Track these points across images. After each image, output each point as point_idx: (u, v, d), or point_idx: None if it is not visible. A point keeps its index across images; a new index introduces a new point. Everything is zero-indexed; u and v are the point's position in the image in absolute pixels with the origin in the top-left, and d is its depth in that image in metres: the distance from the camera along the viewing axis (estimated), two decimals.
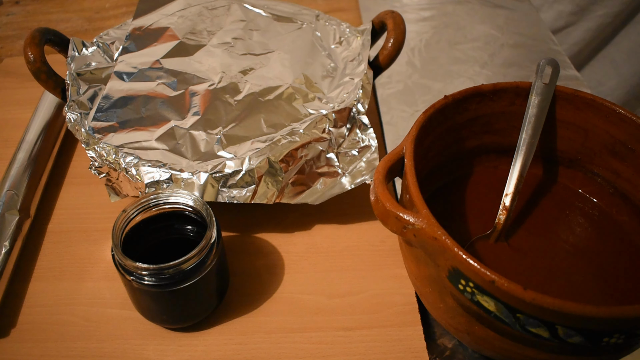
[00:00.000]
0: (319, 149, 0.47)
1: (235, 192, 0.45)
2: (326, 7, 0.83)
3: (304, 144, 0.46)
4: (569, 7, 1.07)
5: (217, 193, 0.44)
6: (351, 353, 0.41)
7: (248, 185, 0.45)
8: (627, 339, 0.31)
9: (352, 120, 0.48)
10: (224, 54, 0.53)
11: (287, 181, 0.45)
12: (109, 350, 0.42)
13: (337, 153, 0.47)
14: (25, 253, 0.49)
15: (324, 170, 0.47)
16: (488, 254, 0.41)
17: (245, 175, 0.44)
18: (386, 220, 0.35)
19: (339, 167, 0.47)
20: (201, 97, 0.49)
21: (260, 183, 0.45)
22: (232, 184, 0.44)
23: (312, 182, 0.47)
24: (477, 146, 0.47)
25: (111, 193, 0.46)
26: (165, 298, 0.39)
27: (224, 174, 0.44)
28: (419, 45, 0.76)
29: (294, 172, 0.46)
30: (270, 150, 0.45)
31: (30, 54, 0.48)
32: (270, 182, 0.45)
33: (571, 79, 0.69)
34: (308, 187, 0.47)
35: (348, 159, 0.47)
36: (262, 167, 0.44)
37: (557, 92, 0.43)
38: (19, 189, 0.50)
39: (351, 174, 0.47)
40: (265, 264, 0.48)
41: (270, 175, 0.45)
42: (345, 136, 0.48)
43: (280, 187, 0.45)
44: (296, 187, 0.46)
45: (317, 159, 0.47)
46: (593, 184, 0.45)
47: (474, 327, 0.34)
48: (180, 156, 0.45)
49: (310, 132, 0.46)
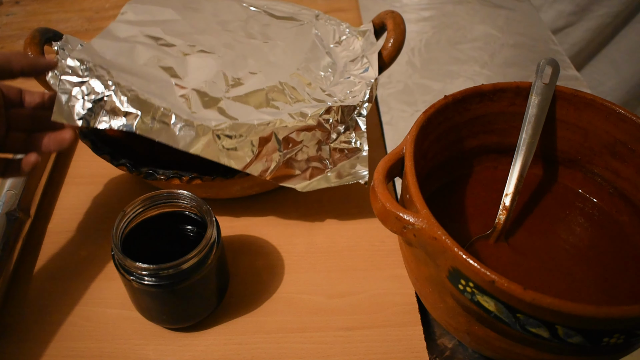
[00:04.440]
0: (317, 137, 0.46)
1: (233, 155, 0.44)
2: (326, 7, 0.83)
3: (308, 127, 0.45)
4: (569, 7, 1.07)
5: (218, 150, 0.43)
6: (351, 353, 0.41)
7: (247, 152, 0.44)
8: (627, 339, 0.31)
9: (352, 120, 0.48)
10: (226, 35, 0.53)
11: (282, 160, 0.45)
12: (109, 350, 0.42)
13: (330, 147, 0.47)
14: (25, 253, 0.49)
15: (314, 160, 0.47)
16: (488, 254, 0.41)
17: (247, 141, 0.44)
18: (386, 220, 0.35)
19: (328, 161, 0.47)
20: (204, 65, 0.48)
21: (260, 153, 0.44)
22: (231, 148, 0.44)
23: (301, 170, 0.46)
24: (477, 146, 0.47)
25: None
26: (165, 298, 0.39)
27: (227, 133, 0.43)
28: (419, 45, 0.76)
29: (290, 154, 0.45)
30: (277, 125, 0.45)
31: (30, 53, 0.48)
32: (266, 157, 0.44)
33: (571, 79, 0.69)
34: (296, 174, 0.46)
35: (337, 156, 0.47)
36: (267, 138, 0.44)
37: (557, 92, 0.43)
38: (19, 189, 0.50)
39: (336, 171, 0.47)
40: (265, 264, 0.48)
41: (270, 148, 0.44)
42: (341, 133, 0.48)
43: (275, 165, 0.45)
44: (287, 169, 0.46)
45: (312, 147, 0.46)
46: (593, 184, 0.45)
47: (474, 327, 0.34)
48: (179, 107, 0.44)
49: (316, 118, 0.46)
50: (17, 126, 0.42)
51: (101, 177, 0.55)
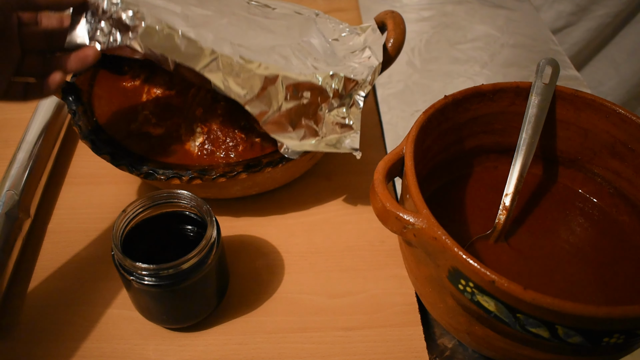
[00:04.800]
0: (317, 100, 0.46)
1: (235, 87, 0.43)
2: (326, 7, 0.83)
3: (311, 85, 0.45)
4: (569, 7, 1.07)
5: (222, 79, 0.43)
6: (351, 353, 0.41)
7: (251, 87, 0.43)
8: (627, 339, 0.31)
9: (350, 98, 0.48)
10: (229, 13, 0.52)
11: (281, 108, 0.45)
12: (109, 350, 0.42)
13: (326, 115, 0.47)
14: (25, 253, 0.49)
15: (310, 120, 0.46)
16: (488, 254, 0.41)
17: (253, 76, 0.43)
18: (386, 220, 0.35)
19: (320, 128, 0.47)
20: (210, 21, 0.48)
21: (262, 93, 0.44)
22: (235, 77, 0.43)
23: (294, 127, 0.46)
24: (477, 146, 0.47)
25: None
26: (165, 298, 0.39)
27: (235, 60, 0.43)
28: (419, 45, 0.76)
29: (290, 105, 0.45)
30: (283, 72, 0.44)
31: None
32: (267, 100, 0.44)
33: (571, 79, 0.69)
34: (289, 130, 0.46)
35: (330, 127, 0.47)
36: (272, 80, 0.44)
37: (557, 92, 0.43)
38: (19, 189, 0.50)
39: (327, 141, 0.47)
40: (265, 264, 0.48)
41: (272, 92, 0.44)
42: (337, 107, 0.47)
43: (273, 112, 0.44)
44: (281, 122, 0.45)
45: (310, 108, 0.46)
46: (593, 184, 0.45)
47: (474, 327, 0.34)
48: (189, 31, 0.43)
49: (319, 79, 0.46)
50: (33, 46, 0.41)
51: (101, 177, 0.55)
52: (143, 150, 0.48)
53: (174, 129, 0.50)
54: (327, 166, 0.56)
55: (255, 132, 0.49)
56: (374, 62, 0.50)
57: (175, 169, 0.45)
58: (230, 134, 0.48)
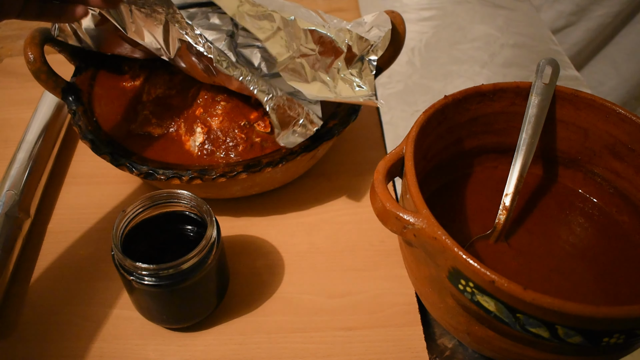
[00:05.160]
0: (331, 54, 0.45)
1: (257, 23, 0.43)
2: (326, 7, 0.83)
3: (327, 37, 0.45)
4: (569, 7, 1.07)
5: (244, 12, 0.43)
6: (351, 353, 0.41)
7: (270, 25, 0.43)
8: (627, 339, 0.31)
9: (361, 60, 0.47)
10: None
11: (298, 53, 0.44)
12: (109, 350, 0.42)
13: (338, 75, 0.46)
14: (25, 253, 0.49)
15: (324, 76, 0.46)
16: (488, 254, 0.41)
17: (270, 15, 0.43)
18: (386, 220, 0.35)
19: (335, 86, 0.46)
20: None
21: (279, 31, 0.44)
22: (255, 15, 0.43)
23: (310, 79, 0.45)
24: (477, 146, 0.47)
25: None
26: (165, 298, 0.39)
27: (247, 6, 0.43)
28: (419, 45, 0.76)
29: (305, 50, 0.45)
30: (300, 20, 0.44)
31: (30, 54, 0.48)
32: (284, 40, 0.44)
33: (571, 79, 0.69)
34: (305, 79, 0.45)
35: (344, 87, 0.46)
36: (288, 22, 0.44)
37: (557, 92, 0.43)
38: (19, 189, 0.50)
39: (340, 97, 0.46)
40: (265, 264, 0.48)
41: (290, 33, 0.44)
42: (349, 68, 0.47)
43: (290, 54, 0.44)
44: (298, 69, 0.45)
45: (324, 62, 0.45)
46: (593, 184, 0.45)
47: (474, 327, 0.34)
48: None
49: (336, 33, 0.45)
50: None
51: (101, 177, 0.55)
52: (143, 150, 0.48)
53: (174, 129, 0.50)
54: (327, 166, 0.56)
55: (255, 132, 0.49)
56: (382, 32, 0.50)
57: (175, 169, 0.45)
58: (230, 134, 0.48)
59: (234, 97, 0.50)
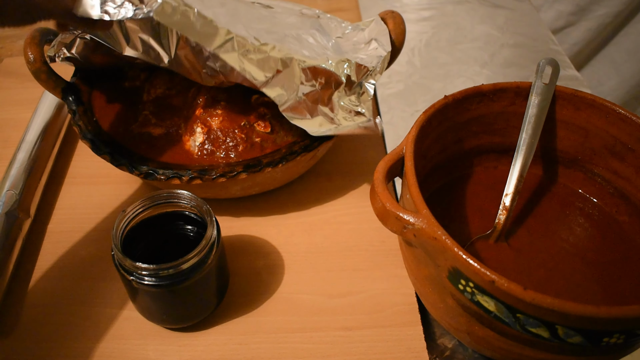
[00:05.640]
0: (331, 85, 0.46)
1: (252, 68, 0.43)
2: (326, 7, 0.83)
3: (325, 70, 0.45)
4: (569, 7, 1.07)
5: (238, 60, 0.43)
6: (351, 353, 0.41)
7: (267, 69, 0.43)
8: (627, 339, 0.31)
9: (361, 87, 0.48)
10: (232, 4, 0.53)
11: (296, 93, 0.44)
12: (109, 350, 0.42)
13: (338, 103, 0.47)
14: (25, 253, 0.49)
15: (324, 109, 0.46)
16: (488, 254, 0.41)
17: (269, 58, 0.43)
18: (386, 220, 0.35)
19: (335, 115, 0.46)
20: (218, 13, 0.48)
21: (279, 74, 0.43)
22: (252, 60, 0.43)
23: (312, 114, 0.46)
24: (477, 146, 0.47)
25: None
26: (165, 298, 0.39)
27: (250, 42, 0.43)
28: (419, 45, 0.76)
29: (305, 90, 0.45)
30: (298, 53, 0.44)
31: (30, 54, 0.48)
32: (283, 82, 0.44)
33: (571, 79, 0.69)
34: (307, 116, 0.46)
35: (343, 115, 0.47)
36: (287, 63, 0.43)
37: (557, 92, 0.43)
38: (19, 189, 0.50)
39: (340, 128, 0.46)
40: (265, 264, 0.48)
41: (289, 75, 0.44)
42: (348, 95, 0.47)
43: (289, 95, 0.44)
44: (299, 108, 0.45)
45: (324, 95, 0.46)
46: (593, 184, 0.45)
47: (474, 327, 0.34)
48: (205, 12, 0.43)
49: (333, 64, 0.45)
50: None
51: (101, 177, 0.55)
52: (143, 150, 0.48)
53: (174, 129, 0.50)
54: (327, 166, 0.56)
55: (255, 132, 0.49)
56: (381, 52, 0.50)
57: (175, 169, 0.46)
58: (230, 134, 0.48)
59: (234, 97, 0.50)
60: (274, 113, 0.49)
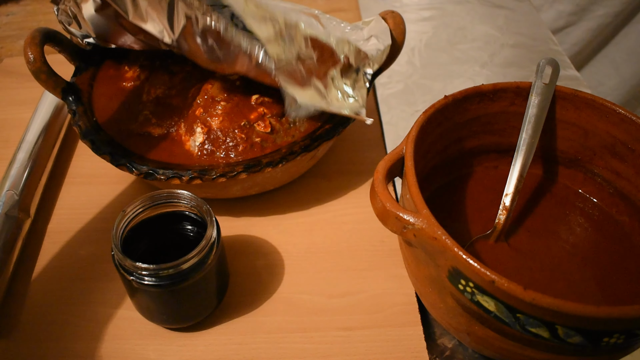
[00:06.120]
0: (329, 62, 0.45)
1: (255, 23, 0.42)
2: (326, 7, 0.83)
3: (326, 45, 0.44)
4: (569, 7, 1.07)
5: (244, 8, 0.42)
6: (351, 353, 0.41)
7: (270, 28, 0.42)
8: (627, 339, 0.31)
9: (357, 71, 0.47)
10: None
11: (296, 57, 0.43)
12: (109, 350, 0.42)
13: (332, 83, 0.46)
14: (25, 253, 0.49)
15: (318, 84, 0.45)
16: (488, 254, 0.41)
17: (273, 19, 0.42)
18: (386, 220, 0.35)
19: (327, 94, 0.46)
20: None
21: (281, 34, 0.43)
22: (254, 13, 0.42)
23: (305, 85, 0.45)
24: (477, 146, 0.47)
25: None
26: (165, 298, 0.39)
27: (255, 2, 0.42)
28: (419, 45, 0.76)
29: (303, 56, 0.44)
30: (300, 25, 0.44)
31: (30, 54, 0.48)
32: (285, 43, 0.43)
33: (571, 79, 0.69)
34: (300, 84, 0.45)
35: (336, 95, 0.46)
36: (290, 25, 0.43)
37: (557, 92, 0.43)
38: (19, 189, 0.50)
39: (333, 105, 0.46)
40: (265, 264, 0.48)
41: (292, 35, 0.43)
42: (343, 78, 0.46)
43: (289, 57, 0.43)
44: (294, 74, 0.44)
45: (320, 69, 0.45)
46: (593, 184, 0.45)
47: (474, 327, 0.34)
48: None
49: (337, 43, 0.45)
50: None
51: (101, 177, 0.55)
52: (143, 150, 0.48)
53: (173, 129, 0.50)
54: (327, 166, 0.56)
55: (255, 132, 0.49)
56: (380, 46, 0.50)
57: (175, 169, 0.46)
58: (230, 134, 0.48)
59: (234, 97, 0.50)
60: (274, 113, 0.49)
